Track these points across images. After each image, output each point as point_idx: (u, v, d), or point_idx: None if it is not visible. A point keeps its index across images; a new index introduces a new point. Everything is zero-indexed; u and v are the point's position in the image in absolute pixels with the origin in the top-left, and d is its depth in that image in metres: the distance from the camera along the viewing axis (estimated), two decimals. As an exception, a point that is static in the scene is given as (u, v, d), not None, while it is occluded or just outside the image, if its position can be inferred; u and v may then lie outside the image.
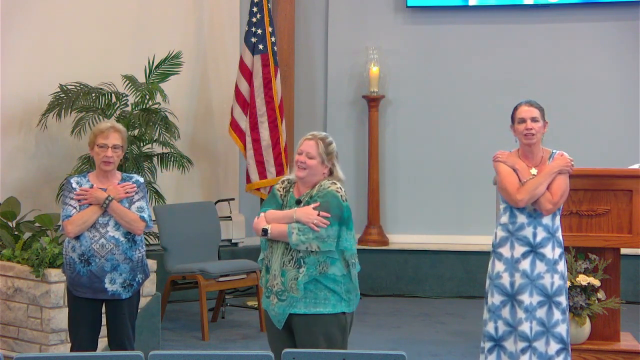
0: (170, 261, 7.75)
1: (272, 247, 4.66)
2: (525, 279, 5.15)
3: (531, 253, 5.15)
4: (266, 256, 4.70)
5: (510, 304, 5.19)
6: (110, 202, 5.25)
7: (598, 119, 9.09)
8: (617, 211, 6.17)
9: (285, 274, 4.59)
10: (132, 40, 8.47)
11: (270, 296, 4.66)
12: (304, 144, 4.71)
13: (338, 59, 9.55)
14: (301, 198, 4.68)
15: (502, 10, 9.40)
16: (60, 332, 6.46)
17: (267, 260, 4.69)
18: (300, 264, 4.58)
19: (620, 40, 9.11)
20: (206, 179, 9.18)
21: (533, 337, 5.14)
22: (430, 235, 9.40)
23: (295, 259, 4.58)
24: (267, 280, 4.68)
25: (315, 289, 4.59)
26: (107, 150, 5.29)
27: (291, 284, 4.58)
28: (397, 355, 3.70)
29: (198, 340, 7.46)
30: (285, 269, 4.60)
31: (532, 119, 5.18)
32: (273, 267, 4.63)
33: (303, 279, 4.56)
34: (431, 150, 9.43)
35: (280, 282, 4.60)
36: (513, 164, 5.21)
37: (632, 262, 8.41)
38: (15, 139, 7.82)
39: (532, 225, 5.15)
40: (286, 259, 4.60)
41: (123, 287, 5.32)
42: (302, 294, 4.57)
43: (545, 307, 5.15)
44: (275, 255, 4.63)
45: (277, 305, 4.62)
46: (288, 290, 4.58)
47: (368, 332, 7.68)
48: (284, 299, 4.60)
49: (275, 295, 4.62)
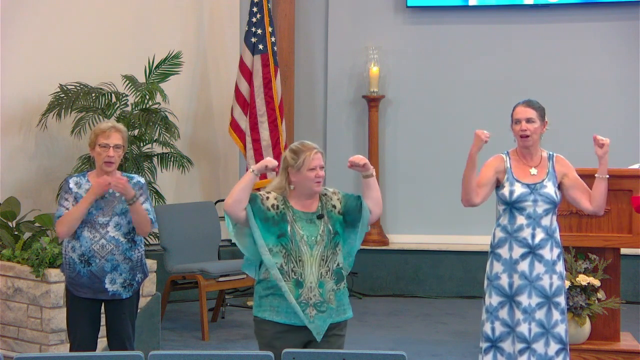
0: (170, 261, 7.76)
1: (301, 260, 4.56)
2: (524, 280, 5.14)
3: (530, 254, 5.14)
4: (292, 270, 4.55)
5: (509, 305, 5.18)
6: (137, 200, 5.27)
7: (598, 119, 9.08)
8: (617, 211, 6.18)
9: (323, 286, 4.56)
10: (132, 40, 8.47)
11: (306, 309, 4.54)
12: (316, 158, 4.60)
13: (338, 59, 9.54)
14: (322, 212, 4.63)
15: (502, 10, 9.39)
16: (60, 332, 6.46)
17: (296, 274, 4.55)
18: (338, 275, 4.59)
19: (620, 40, 9.10)
20: (206, 179, 9.19)
21: (532, 339, 5.12)
22: (430, 235, 9.40)
23: (332, 269, 4.58)
24: (299, 294, 4.54)
25: (342, 295, 4.65)
26: (109, 150, 5.27)
27: (329, 295, 4.56)
28: (397, 355, 3.70)
29: (198, 340, 7.46)
30: (324, 281, 4.56)
31: (527, 119, 5.16)
32: (308, 279, 4.55)
33: (342, 290, 4.62)
34: (431, 150, 9.43)
35: (319, 293, 4.55)
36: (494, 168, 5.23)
37: (632, 262, 8.41)
38: (15, 139, 7.82)
39: (531, 226, 5.14)
40: (323, 271, 4.57)
41: (123, 287, 5.31)
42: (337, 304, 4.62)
43: (545, 308, 5.14)
44: (309, 267, 4.57)
45: (316, 317, 4.55)
46: (327, 302, 4.56)
47: (368, 332, 7.68)
48: (324, 310, 4.56)
49: (314, 307, 4.55)
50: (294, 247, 4.55)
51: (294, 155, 4.62)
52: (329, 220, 4.62)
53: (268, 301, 4.59)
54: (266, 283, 4.61)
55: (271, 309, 4.59)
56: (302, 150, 4.62)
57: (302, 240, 4.55)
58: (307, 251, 4.56)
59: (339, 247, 4.62)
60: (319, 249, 4.56)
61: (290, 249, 4.55)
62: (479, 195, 5.22)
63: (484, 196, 5.25)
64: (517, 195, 5.14)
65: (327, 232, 4.59)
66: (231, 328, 7.92)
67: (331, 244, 4.59)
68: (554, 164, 5.21)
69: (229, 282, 7.75)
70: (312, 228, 4.59)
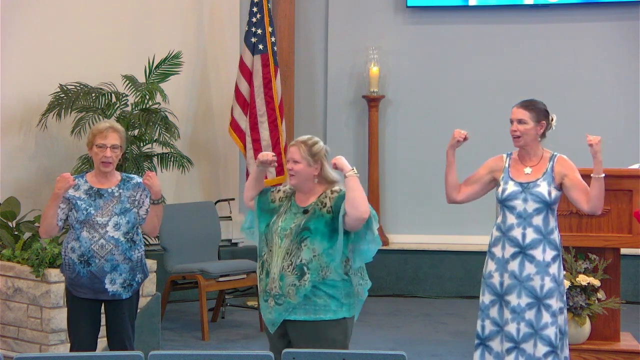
0: (170, 261, 7.76)
1: (271, 250, 4.62)
2: (513, 280, 5.13)
3: (520, 254, 5.12)
4: (266, 259, 4.65)
5: (499, 304, 5.18)
6: (162, 201, 5.32)
7: (598, 119, 9.08)
8: (617, 211, 6.18)
9: (283, 279, 4.56)
10: (132, 40, 8.47)
11: (268, 299, 4.61)
12: (289, 151, 4.71)
13: (338, 59, 9.55)
14: (308, 207, 4.64)
15: (502, 10, 9.40)
16: (60, 332, 6.46)
17: (267, 264, 4.64)
18: (301, 271, 4.54)
19: (620, 40, 9.11)
20: (206, 179, 9.19)
21: (520, 339, 5.10)
22: (430, 235, 9.41)
23: (295, 264, 4.54)
24: (267, 283, 4.62)
25: (314, 296, 4.55)
26: (106, 150, 5.26)
27: (289, 289, 4.54)
28: (397, 355, 3.70)
29: (198, 340, 7.46)
30: (284, 274, 4.56)
31: (518, 120, 5.18)
32: (272, 270, 4.59)
33: (306, 288, 4.53)
34: (431, 150, 9.42)
35: (279, 286, 4.56)
36: (489, 168, 5.24)
37: (632, 262, 8.41)
38: (15, 139, 7.82)
39: (521, 226, 5.13)
40: (285, 264, 4.56)
41: (123, 287, 5.31)
42: (301, 301, 4.54)
43: (534, 309, 5.10)
44: (275, 258, 4.60)
45: (274, 308, 4.59)
46: (285, 295, 4.55)
47: (368, 332, 7.69)
48: (280, 303, 4.57)
49: (273, 298, 4.59)
50: (269, 237, 4.66)
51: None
52: (310, 216, 4.60)
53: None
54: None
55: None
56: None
57: (276, 231, 4.63)
58: (277, 242, 4.62)
59: (305, 244, 4.55)
60: (286, 242, 4.59)
61: (268, 239, 4.66)
62: (461, 192, 5.30)
63: (468, 194, 5.29)
64: (507, 194, 5.14)
65: (297, 227, 4.59)
66: (231, 328, 7.93)
67: (297, 238, 4.57)
68: (553, 165, 5.20)
69: (229, 282, 7.75)
70: (289, 221, 4.63)
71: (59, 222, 5.28)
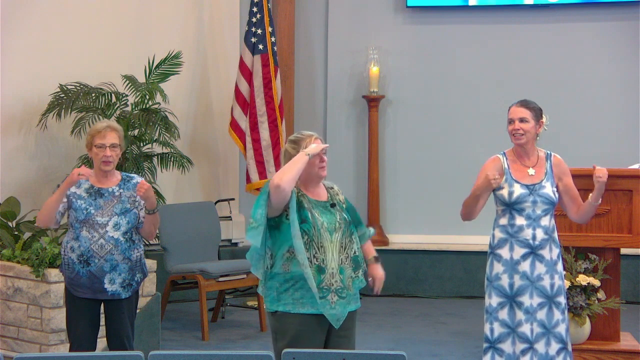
0: (170, 261, 7.76)
1: (322, 246, 4.56)
2: (525, 281, 5.14)
3: (531, 254, 5.15)
4: (316, 256, 4.56)
5: (509, 305, 5.18)
6: (157, 211, 5.35)
7: (598, 118, 9.09)
8: (617, 211, 6.17)
9: (343, 272, 4.59)
10: (132, 40, 8.47)
11: (327, 295, 4.55)
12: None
13: (338, 59, 9.55)
14: (333, 202, 4.67)
15: (502, 10, 9.40)
16: (60, 332, 6.46)
17: (319, 260, 4.55)
18: (356, 263, 4.64)
19: (620, 40, 9.10)
20: (206, 179, 9.18)
21: (534, 339, 5.13)
22: (430, 235, 9.41)
23: (350, 257, 4.63)
24: (321, 280, 4.54)
25: (360, 283, 4.70)
26: (106, 150, 5.27)
27: (349, 281, 4.61)
28: (397, 355, 3.70)
29: (198, 340, 7.46)
30: (344, 267, 4.60)
31: (519, 119, 5.19)
32: (330, 265, 4.56)
33: (360, 279, 4.66)
34: (431, 150, 9.43)
35: (340, 279, 4.58)
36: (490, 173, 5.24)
37: (632, 262, 8.41)
38: (15, 139, 7.82)
39: (531, 227, 5.15)
40: (343, 257, 4.60)
41: (122, 287, 5.31)
42: (355, 292, 4.67)
43: (546, 308, 5.15)
44: (330, 253, 4.58)
45: (338, 303, 4.57)
46: (347, 288, 4.60)
47: (368, 332, 7.68)
48: (344, 296, 4.59)
49: (336, 293, 4.57)
50: (316, 233, 4.55)
51: (294, 145, 4.63)
52: (341, 210, 4.68)
53: (289, 294, 4.54)
54: (283, 276, 4.55)
55: (294, 301, 4.54)
56: (301, 138, 4.64)
57: (322, 226, 4.56)
58: (328, 237, 4.57)
59: (354, 236, 4.67)
60: (337, 236, 4.59)
61: (312, 235, 4.54)
62: (479, 211, 5.28)
63: (483, 205, 5.28)
64: (516, 197, 5.14)
65: (344, 220, 4.63)
66: (231, 328, 7.92)
67: (348, 231, 4.64)
68: (551, 165, 5.22)
69: (229, 282, 7.75)
70: (329, 215, 4.61)
71: (57, 215, 5.29)
